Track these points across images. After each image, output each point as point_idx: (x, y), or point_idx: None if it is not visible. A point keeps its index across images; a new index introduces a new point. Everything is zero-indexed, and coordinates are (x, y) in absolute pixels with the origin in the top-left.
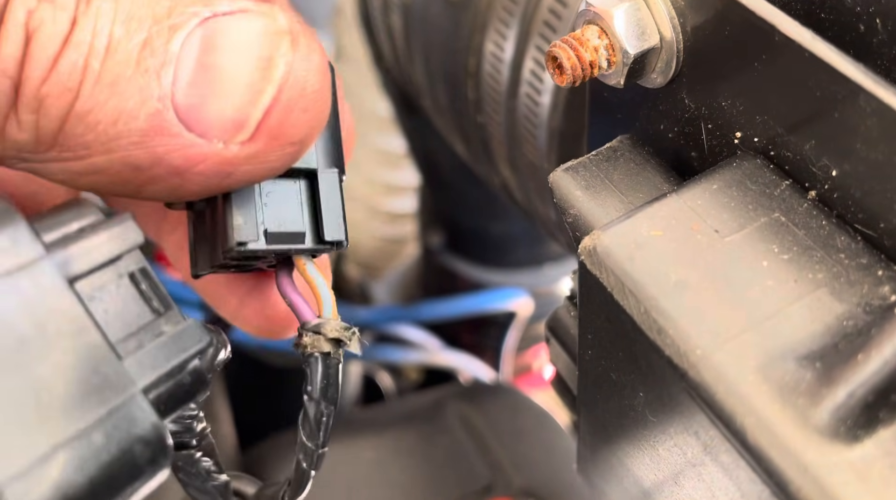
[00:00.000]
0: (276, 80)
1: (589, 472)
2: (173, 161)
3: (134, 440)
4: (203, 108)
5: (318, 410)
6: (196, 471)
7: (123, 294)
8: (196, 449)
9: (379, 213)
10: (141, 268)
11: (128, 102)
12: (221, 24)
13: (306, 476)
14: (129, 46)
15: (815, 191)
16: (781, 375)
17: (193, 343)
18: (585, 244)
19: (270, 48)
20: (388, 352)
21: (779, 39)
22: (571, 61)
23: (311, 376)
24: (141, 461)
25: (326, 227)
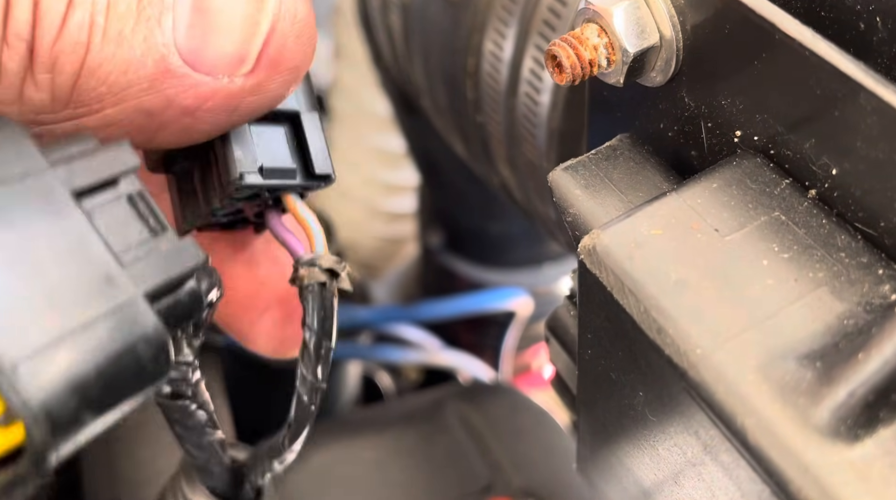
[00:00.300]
0: (269, 13)
1: (589, 472)
2: (184, 101)
3: (137, 337)
4: (205, 47)
5: (317, 341)
6: (192, 424)
7: (122, 213)
8: (191, 401)
9: (378, 212)
10: (138, 191)
11: (134, 51)
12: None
13: (307, 413)
14: (127, 0)
15: (816, 190)
16: (782, 374)
17: (191, 259)
18: (585, 243)
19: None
20: (388, 352)
21: (779, 38)
22: (571, 60)
23: (309, 307)
24: (144, 359)
25: (315, 161)
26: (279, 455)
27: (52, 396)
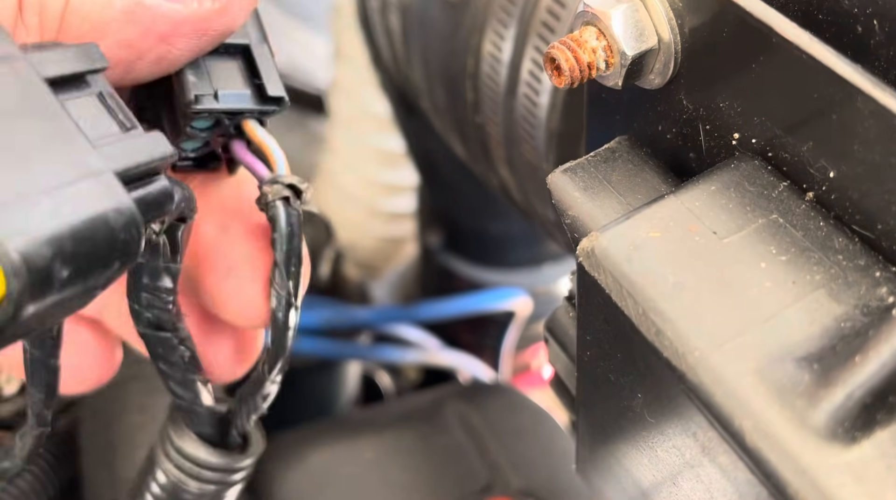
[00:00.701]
0: None
1: (588, 472)
2: (160, 28)
3: (109, 207)
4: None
5: (286, 257)
6: (175, 360)
7: (92, 107)
8: (173, 334)
9: (377, 213)
10: (108, 90)
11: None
12: None
13: (283, 334)
14: None
15: (813, 192)
16: (779, 376)
17: (159, 150)
18: (583, 246)
19: None
20: (388, 352)
21: (776, 41)
22: (569, 63)
23: (277, 221)
24: (115, 228)
25: (268, 86)
26: (261, 388)
27: (29, 244)
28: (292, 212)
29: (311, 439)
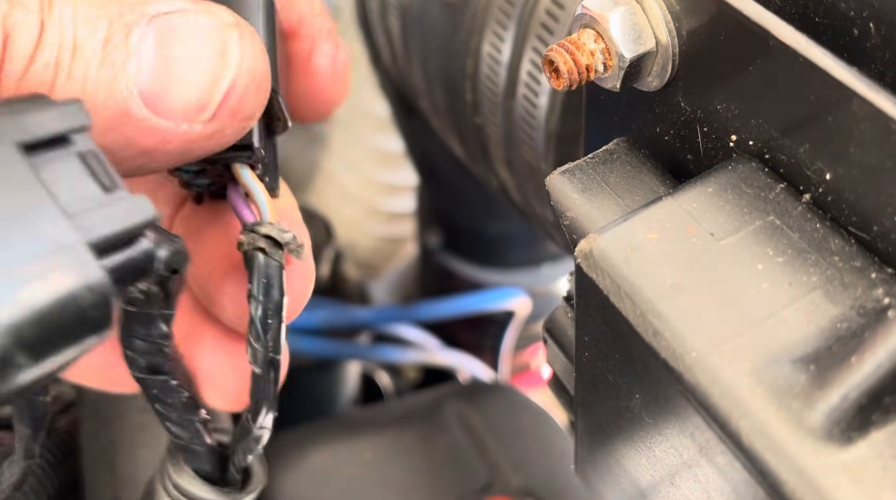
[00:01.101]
0: (232, 66)
1: (586, 472)
2: (143, 143)
3: (79, 285)
4: (167, 94)
5: (258, 309)
6: (172, 401)
7: (73, 169)
8: (171, 377)
9: (377, 213)
10: (90, 149)
11: (98, 93)
12: (171, 20)
13: (263, 387)
14: (93, 44)
15: (810, 194)
16: (776, 377)
17: (141, 214)
18: (582, 247)
19: (224, 38)
20: (387, 352)
21: (773, 44)
22: (568, 65)
23: (250, 273)
24: (85, 306)
25: None
26: (249, 435)
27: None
28: (271, 263)
29: (310, 438)
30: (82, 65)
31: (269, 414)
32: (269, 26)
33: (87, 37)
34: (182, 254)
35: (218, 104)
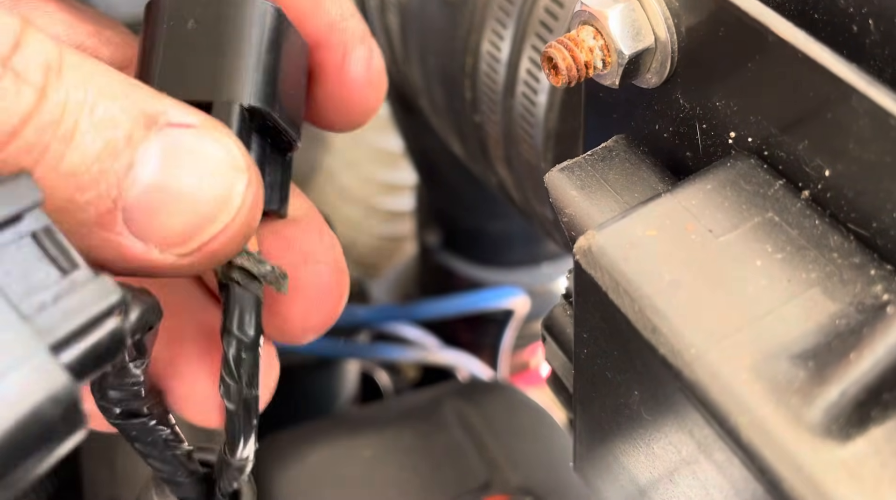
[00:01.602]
0: (231, 212)
1: (585, 470)
2: (104, 253)
3: (42, 399)
4: (154, 217)
5: (230, 343)
6: (152, 440)
7: (26, 254)
8: (148, 418)
9: (376, 211)
10: (44, 227)
11: (83, 195)
12: (181, 138)
13: (237, 422)
14: (95, 142)
15: (809, 191)
16: (775, 373)
17: (104, 299)
18: (580, 244)
19: (232, 182)
20: (386, 350)
21: (772, 40)
22: (567, 62)
23: (224, 305)
24: (51, 418)
25: None
26: (231, 467)
27: None
28: (243, 296)
29: (309, 437)
30: (74, 160)
31: (247, 446)
32: (271, 42)
33: (89, 130)
34: (153, 311)
35: (201, 244)
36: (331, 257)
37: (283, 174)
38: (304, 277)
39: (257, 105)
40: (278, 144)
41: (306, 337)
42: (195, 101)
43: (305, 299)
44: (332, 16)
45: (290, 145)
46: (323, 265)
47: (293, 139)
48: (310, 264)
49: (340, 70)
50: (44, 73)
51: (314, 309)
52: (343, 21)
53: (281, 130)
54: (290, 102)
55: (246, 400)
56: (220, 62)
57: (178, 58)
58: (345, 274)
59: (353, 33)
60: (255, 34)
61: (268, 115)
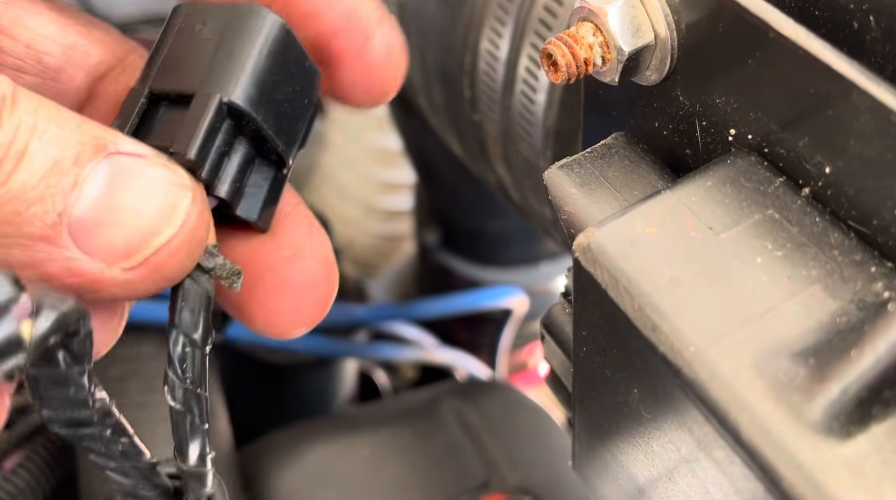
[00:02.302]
0: (175, 226)
1: (584, 469)
2: (49, 269)
3: None
4: (99, 231)
5: (176, 339)
6: (107, 451)
7: None
8: (99, 427)
9: (375, 211)
10: None
11: (29, 209)
12: (129, 164)
13: (183, 426)
14: (43, 161)
15: (809, 188)
16: (775, 371)
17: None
18: (580, 241)
19: (176, 197)
20: (385, 350)
21: (773, 37)
22: (566, 58)
23: (171, 299)
24: None
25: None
26: (190, 476)
27: None
28: (194, 290)
29: (307, 436)
30: (22, 178)
31: (199, 451)
32: (270, 52)
33: (38, 152)
34: (72, 317)
35: (145, 257)
36: (319, 253)
37: (270, 188)
38: (292, 273)
39: (238, 102)
40: (267, 157)
41: (294, 332)
42: (181, 91)
43: (293, 295)
44: (351, 2)
45: (280, 161)
46: (311, 261)
47: (282, 152)
48: (297, 260)
49: (362, 56)
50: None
51: (302, 305)
52: (361, 7)
53: (266, 137)
54: (281, 114)
55: (191, 400)
56: (214, 61)
57: (180, 54)
58: (333, 270)
59: (371, 18)
60: (253, 41)
61: (250, 116)
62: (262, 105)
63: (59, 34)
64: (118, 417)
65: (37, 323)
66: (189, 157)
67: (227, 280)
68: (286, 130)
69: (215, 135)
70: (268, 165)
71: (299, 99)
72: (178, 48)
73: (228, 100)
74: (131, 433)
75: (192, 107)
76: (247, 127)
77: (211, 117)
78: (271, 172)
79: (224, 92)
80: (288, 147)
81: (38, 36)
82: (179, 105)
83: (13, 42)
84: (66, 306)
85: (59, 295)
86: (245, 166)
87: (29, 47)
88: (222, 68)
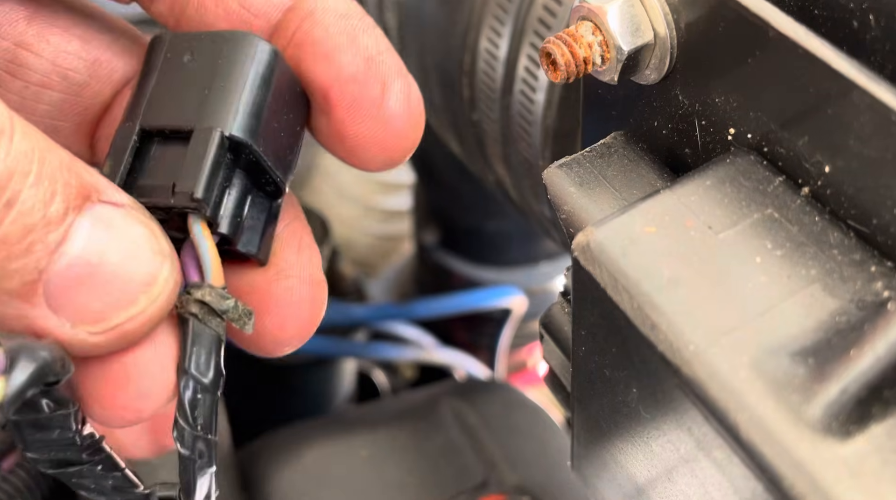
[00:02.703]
0: (152, 296)
1: (583, 469)
2: (14, 324)
3: None
4: (74, 292)
5: (186, 384)
6: (98, 487)
7: None
8: (89, 465)
9: (374, 210)
10: None
11: (11, 264)
12: (111, 217)
13: (190, 468)
14: (34, 212)
15: (809, 187)
16: (774, 370)
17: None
18: (579, 240)
19: (157, 267)
20: (383, 349)
21: (772, 36)
22: (565, 57)
23: (181, 342)
24: None
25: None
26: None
27: None
28: (204, 332)
29: (306, 436)
30: (11, 228)
31: (205, 493)
32: (263, 80)
33: (30, 199)
34: (51, 364)
35: (116, 324)
36: (306, 272)
37: (266, 220)
38: (277, 291)
39: (238, 135)
40: (263, 187)
41: (280, 351)
42: (177, 127)
43: (277, 314)
44: (370, 50)
45: (276, 191)
46: (296, 280)
47: (279, 181)
48: (282, 279)
49: (379, 105)
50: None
51: (287, 323)
52: (380, 55)
53: (266, 169)
54: (277, 143)
55: (201, 446)
56: (208, 93)
57: (170, 88)
58: (320, 289)
59: (391, 67)
60: (247, 71)
61: (250, 149)
62: (261, 136)
63: (82, 50)
64: (108, 451)
65: (12, 377)
66: (197, 196)
67: (238, 322)
68: (282, 160)
69: (217, 171)
70: (264, 196)
71: (293, 126)
72: (166, 81)
73: (230, 134)
74: (123, 467)
75: (193, 143)
76: (245, 159)
77: (214, 153)
78: (267, 203)
79: (224, 126)
80: (284, 176)
81: (62, 52)
82: (175, 141)
83: (37, 58)
84: (44, 357)
85: (37, 344)
86: (243, 200)
87: (53, 64)
88: (219, 101)
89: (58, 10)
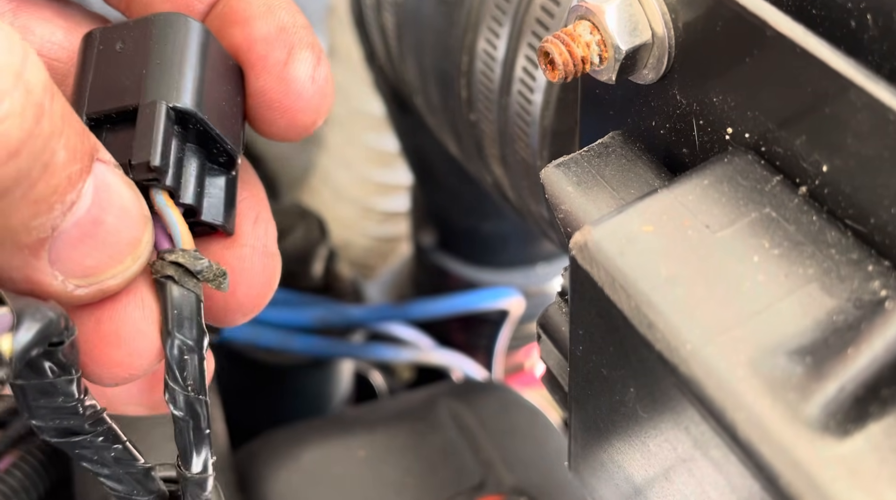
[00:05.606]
0: (137, 256)
1: (580, 469)
2: (14, 275)
3: None
4: (74, 249)
5: (172, 346)
6: (100, 458)
7: None
8: (91, 435)
9: (371, 212)
10: None
11: (34, 220)
12: (107, 176)
13: (189, 429)
14: (62, 173)
15: (806, 186)
16: (772, 369)
17: None
18: (576, 240)
19: (140, 231)
20: (381, 351)
21: (770, 35)
22: (563, 57)
23: (161, 305)
24: None
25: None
26: (190, 483)
27: None
28: (183, 294)
29: (303, 437)
30: (45, 188)
31: (202, 458)
32: (197, 55)
33: (61, 161)
34: (55, 325)
35: (102, 280)
36: (260, 242)
37: (226, 191)
38: (229, 259)
39: (183, 106)
40: (217, 159)
41: (231, 321)
42: (123, 108)
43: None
44: (284, 21)
45: (230, 161)
46: (249, 249)
47: (230, 150)
48: (236, 247)
49: (283, 66)
50: (45, 93)
51: (238, 290)
52: (294, 27)
53: (215, 137)
54: (222, 113)
55: (194, 406)
56: (146, 72)
57: (107, 75)
58: (273, 259)
59: (302, 38)
60: (180, 46)
61: (196, 117)
62: (206, 106)
63: (66, 40)
64: (110, 423)
65: (17, 336)
66: (154, 164)
67: (213, 282)
68: (230, 129)
69: (170, 141)
70: (219, 168)
71: (233, 97)
72: (103, 70)
73: (174, 105)
74: (124, 439)
75: (140, 118)
76: (194, 130)
77: (163, 123)
78: (223, 174)
79: (168, 97)
80: (235, 146)
81: (47, 43)
82: (123, 123)
83: None
84: (49, 316)
85: (41, 304)
86: (201, 172)
87: (38, 54)
88: (159, 76)
89: (41, 2)
